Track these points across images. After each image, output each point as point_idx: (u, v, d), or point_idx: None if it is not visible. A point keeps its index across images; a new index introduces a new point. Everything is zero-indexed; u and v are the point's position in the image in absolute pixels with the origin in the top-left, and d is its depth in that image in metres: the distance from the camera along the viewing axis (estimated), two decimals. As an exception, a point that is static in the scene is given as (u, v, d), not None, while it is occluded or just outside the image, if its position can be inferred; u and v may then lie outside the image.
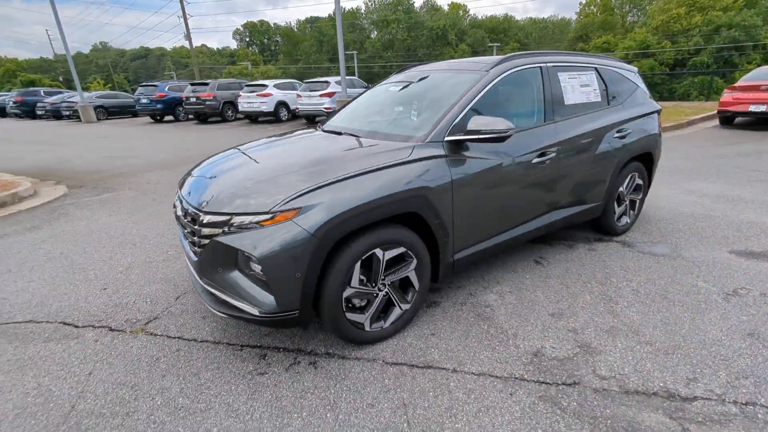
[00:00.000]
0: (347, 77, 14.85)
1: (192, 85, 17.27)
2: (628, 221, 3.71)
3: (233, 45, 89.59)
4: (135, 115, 21.55)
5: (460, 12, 57.71)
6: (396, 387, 1.99)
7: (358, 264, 2.08)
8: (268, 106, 15.17)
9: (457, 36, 50.58)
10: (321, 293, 2.03)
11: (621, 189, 3.50)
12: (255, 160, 2.42)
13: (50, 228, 4.57)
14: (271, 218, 1.89)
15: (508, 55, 2.85)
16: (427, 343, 2.32)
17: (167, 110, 18.25)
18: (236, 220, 1.93)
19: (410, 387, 1.99)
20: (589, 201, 3.26)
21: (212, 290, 2.11)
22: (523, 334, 2.36)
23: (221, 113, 16.58)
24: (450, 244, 2.44)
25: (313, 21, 60.78)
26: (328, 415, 1.84)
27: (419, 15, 49.89)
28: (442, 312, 2.62)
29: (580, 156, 3.02)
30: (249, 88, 15.94)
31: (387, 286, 2.26)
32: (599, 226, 3.63)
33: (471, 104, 2.48)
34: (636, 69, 3.74)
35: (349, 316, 2.15)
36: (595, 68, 3.28)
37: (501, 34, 54.87)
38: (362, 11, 54.18)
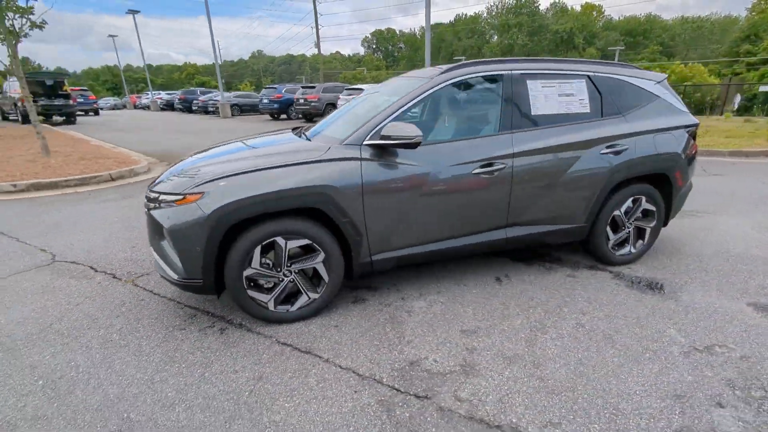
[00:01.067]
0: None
1: (303, 88, 19.26)
2: (632, 251, 3.20)
3: (362, 52, 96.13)
4: (261, 113, 24.86)
5: (594, 13, 52.17)
6: (267, 362, 2.19)
7: (259, 248, 2.33)
8: (362, 108, 16.11)
9: (585, 39, 45.91)
10: (224, 269, 2.34)
11: (617, 213, 3.05)
12: (208, 153, 2.84)
13: (138, 198, 5.79)
14: (182, 199, 2.26)
15: (464, 62, 2.78)
16: (324, 332, 2.45)
17: (282, 110, 20.68)
18: (162, 197, 2.35)
19: (277, 365, 2.17)
20: (565, 221, 2.95)
21: (154, 253, 2.59)
22: (418, 343, 2.33)
23: (323, 114, 18.14)
24: (364, 244, 2.52)
25: (435, 27, 61.79)
26: (198, 371, 2.13)
27: (544, 18, 46.77)
28: (362, 309, 2.70)
29: (547, 170, 2.76)
30: (347, 91, 17.14)
31: (294, 273, 2.47)
32: (590, 252, 3.22)
33: (399, 111, 2.52)
34: (661, 77, 3.19)
35: (252, 294, 2.41)
36: (588, 76, 2.93)
37: (639, 36, 47.89)
38: (483, 16, 53.17)
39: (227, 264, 2.31)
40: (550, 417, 1.79)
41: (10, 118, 19.62)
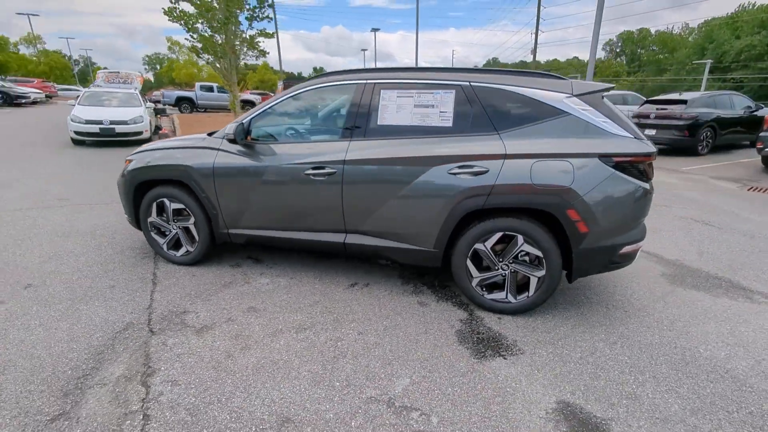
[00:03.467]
0: (626, 92, 13.92)
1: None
2: (512, 301, 2.56)
3: (603, 56, 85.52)
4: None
5: None
6: (126, 280, 3.08)
7: (155, 204, 3.26)
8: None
9: None
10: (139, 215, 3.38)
11: (480, 247, 2.53)
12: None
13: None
14: (126, 161, 3.40)
15: (325, 72, 2.91)
16: (182, 276, 3.17)
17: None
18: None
19: (126, 282, 3.04)
20: (411, 241, 2.68)
21: (131, 199, 3.87)
22: (212, 302, 2.78)
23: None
24: (220, 217, 3.10)
25: (705, 24, 48.36)
26: (95, 271, 3.22)
27: None
28: (227, 270, 3.28)
29: (380, 182, 2.62)
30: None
31: (179, 229, 3.29)
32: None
33: (255, 114, 2.95)
34: (586, 89, 2.35)
35: (154, 236, 3.38)
36: (460, 87, 2.52)
37: None
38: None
39: (140, 210, 3.34)
40: (181, 379, 2.04)
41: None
